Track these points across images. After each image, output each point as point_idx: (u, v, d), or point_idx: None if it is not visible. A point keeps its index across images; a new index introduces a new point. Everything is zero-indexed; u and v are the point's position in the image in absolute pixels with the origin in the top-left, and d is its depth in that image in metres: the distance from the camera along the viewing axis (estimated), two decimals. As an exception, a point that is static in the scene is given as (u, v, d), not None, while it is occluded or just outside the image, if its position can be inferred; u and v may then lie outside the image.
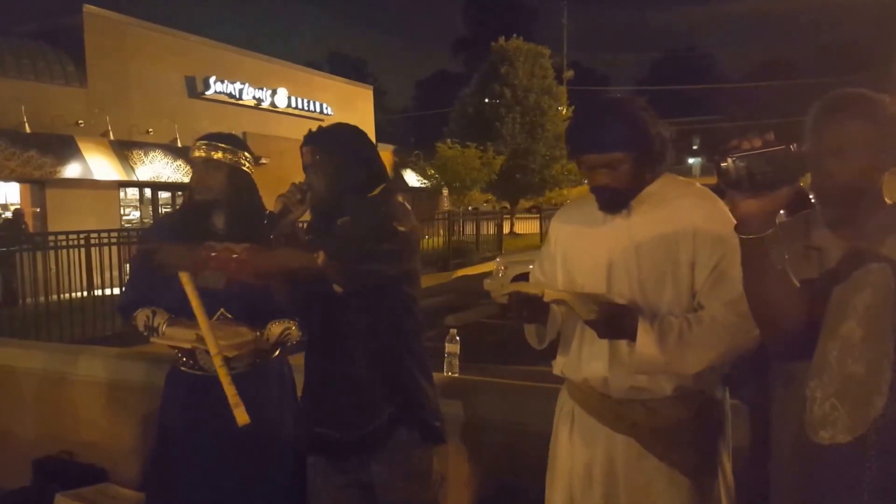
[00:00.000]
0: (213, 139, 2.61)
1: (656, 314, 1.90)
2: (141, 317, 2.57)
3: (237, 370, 2.51)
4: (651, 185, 1.97)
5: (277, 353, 2.69)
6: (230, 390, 2.33)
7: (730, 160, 1.37)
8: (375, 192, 2.37)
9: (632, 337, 1.85)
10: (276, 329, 2.56)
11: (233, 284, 2.46)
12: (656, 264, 1.92)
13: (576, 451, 2.08)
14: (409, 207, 2.40)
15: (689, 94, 57.34)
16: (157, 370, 3.70)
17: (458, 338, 3.16)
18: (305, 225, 2.51)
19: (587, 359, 2.02)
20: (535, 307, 1.97)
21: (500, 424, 2.83)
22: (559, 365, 2.14)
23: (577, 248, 2.09)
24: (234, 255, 2.21)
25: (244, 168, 2.64)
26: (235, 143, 2.64)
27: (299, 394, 2.64)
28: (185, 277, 2.35)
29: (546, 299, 1.90)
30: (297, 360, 2.65)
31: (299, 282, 2.32)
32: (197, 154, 2.58)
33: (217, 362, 2.36)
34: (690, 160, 67.03)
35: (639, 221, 1.95)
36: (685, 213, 1.92)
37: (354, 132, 2.47)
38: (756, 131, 1.38)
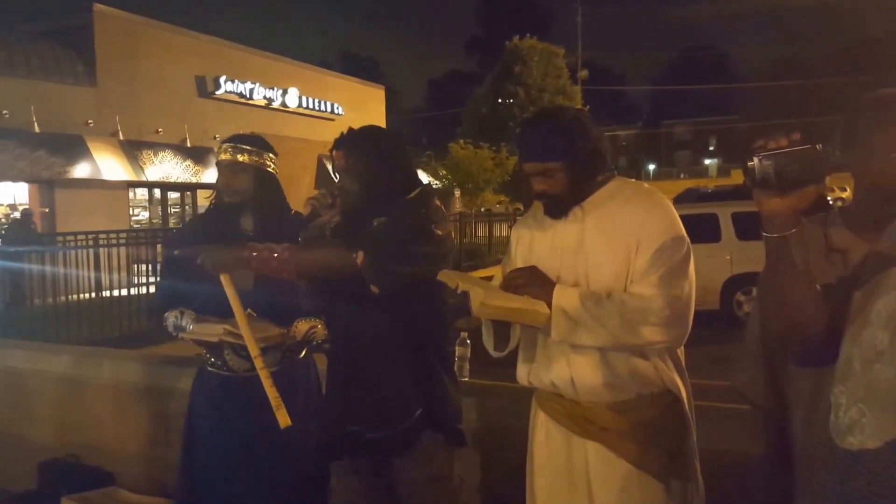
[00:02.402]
0: (238, 141, 2.64)
1: None
2: (170, 318, 2.60)
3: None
4: (602, 189, 2.08)
5: (304, 354, 2.72)
6: (272, 392, 2.37)
7: (756, 159, 1.39)
8: (412, 195, 2.39)
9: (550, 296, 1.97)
10: (302, 327, 2.58)
11: (260, 285, 2.49)
12: (604, 266, 2.00)
13: (552, 461, 2.12)
14: (445, 211, 2.43)
15: (706, 94, 57.16)
16: (166, 373, 3.73)
17: (468, 341, 3.13)
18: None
19: (551, 362, 2.07)
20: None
21: (511, 429, 2.81)
22: (523, 374, 2.19)
23: (534, 252, 2.16)
24: (275, 255, 2.24)
25: (269, 169, 2.67)
26: (260, 144, 2.67)
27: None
28: (225, 279, 2.39)
29: (459, 291, 2.00)
30: (322, 364, 2.67)
31: (333, 281, 2.34)
32: (223, 157, 2.61)
33: (258, 364, 2.39)
34: (707, 161, 66.81)
35: (591, 224, 2.05)
36: (632, 214, 2.01)
37: (386, 135, 2.50)
38: (782, 131, 1.39)
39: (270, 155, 2.67)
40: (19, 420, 4.26)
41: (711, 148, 68.09)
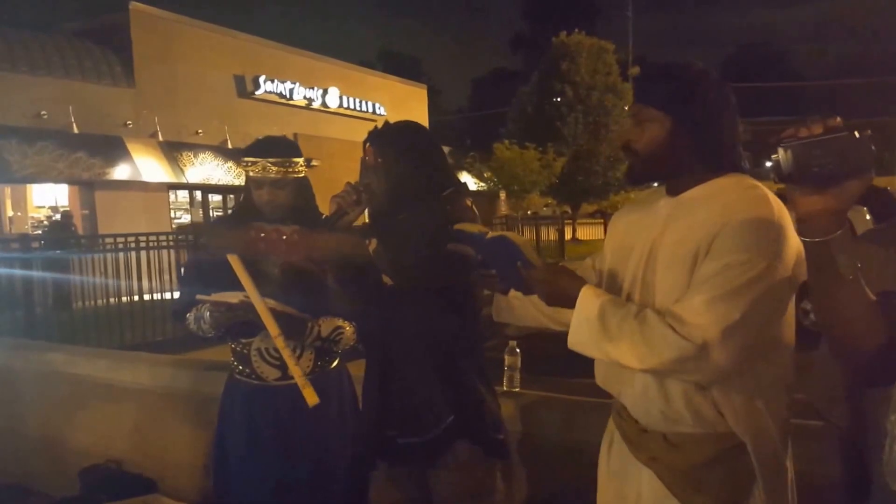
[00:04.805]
0: (268, 154, 2.55)
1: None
2: (191, 317, 2.60)
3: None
4: (709, 183, 1.78)
5: (336, 363, 2.71)
6: (296, 371, 2.35)
7: (781, 150, 1.23)
8: (443, 194, 2.37)
9: (574, 301, 1.76)
10: (328, 324, 2.55)
11: (288, 276, 2.49)
12: (671, 267, 1.75)
13: (611, 476, 2.01)
14: (476, 212, 2.39)
15: (765, 93, 56.02)
16: (208, 379, 3.76)
17: (518, 349, 3.11)
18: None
19: (620, 372, 1.86)
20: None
21: (564, 444, 2.78)
22: (600, 374, 2.00)
23: (626, 240, 1.93)
24: (283, 237, 2.23)
25: (301, 175, 2.62)
26: (287, 150, 2.61)
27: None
28: (234, 260, 2.34)
29: (487, 237, 1.90)
30: (358, 371, 2.66)
31: (350, 271, 2.34)
32: (255, 174, 2.54)
33: (279, 343, 2.36)
34: (768, 163, 65.45)
35: (677, 220, 1.79)
36: (714, 216, 1.70)
37: (422, 133, 2.47)
38: (819, 117, 1.23)
39: (300, 161, 2.61)
40: (60, 425, 4.35)
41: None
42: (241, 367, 2.65)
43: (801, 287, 1.74)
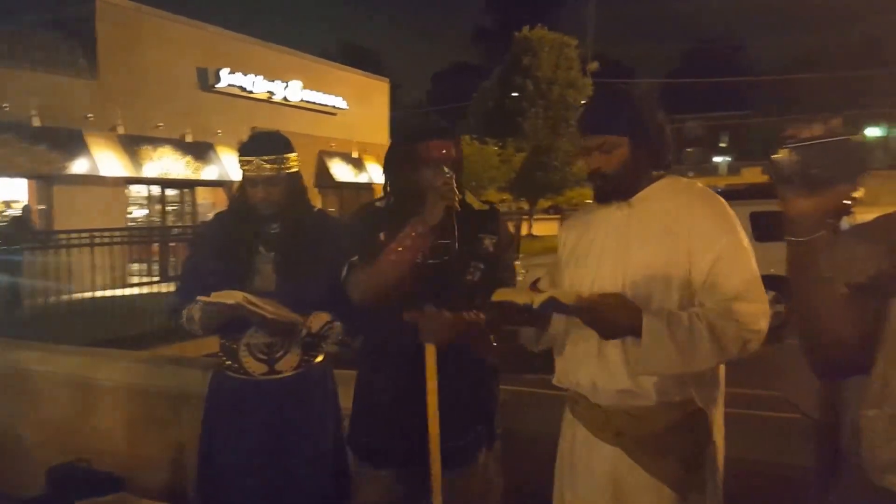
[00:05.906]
0: (263, 152, 2.58)
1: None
2: (185, 313, 2.61)
3: (283, 374, 2.56)
4: (654, 184, 2.04)
5: (321, 358, 2.72)
6: None
7: (782, 151, 1.26)
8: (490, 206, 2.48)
9: (635, 331, 1.86)
10: (319, 319, 2.56)
11: (280, 270, 2.52)
12: (649, 262, 1.96)
13: (577, 463, 2.13)
14: (511, 230, 2.51)
15: (719, 88, 56.72)
16: (178, 376, 3.76)
17: (495, 345, 3.12)
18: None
19: (579, 364, 2.07)
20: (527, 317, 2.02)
21: (543, 437, 2.82)
22: (556, 375, 2.19)
23: (580, 247, 2.14)
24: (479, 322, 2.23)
25: (295, 170, 2.66)
26: (280, 146, 2.64)
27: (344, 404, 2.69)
28: (432, 351, 2.28)
29: (535, 306, 1.91)
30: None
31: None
32: (253, 172, 2.57)
33: None
34: (716, 158, 66.05)
35: (637, 218, 2.01)
36: (684, 212, 1.96)
37: None
38: (820, 119, 1.27)
39: (293, 155, 2.65)
40: (27, 423, 4.29)
41: (723, 145, 67.46)
42: (228, 362, 2.65)
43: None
